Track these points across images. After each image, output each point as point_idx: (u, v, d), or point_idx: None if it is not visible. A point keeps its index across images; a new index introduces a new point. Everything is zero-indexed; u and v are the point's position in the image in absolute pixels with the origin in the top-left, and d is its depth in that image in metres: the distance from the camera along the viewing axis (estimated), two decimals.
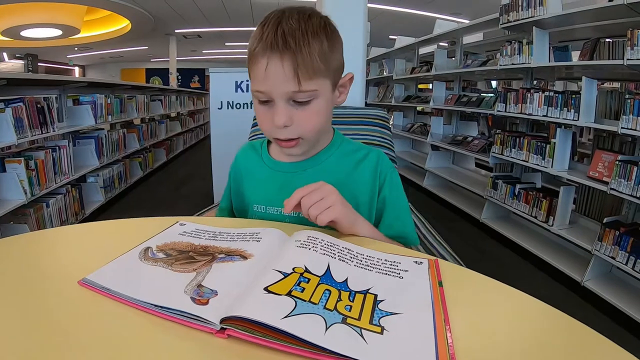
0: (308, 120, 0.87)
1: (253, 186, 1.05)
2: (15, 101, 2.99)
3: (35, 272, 0.65)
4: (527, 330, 0.53)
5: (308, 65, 0.82)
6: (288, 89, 0.83)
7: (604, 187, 2.60)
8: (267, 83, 0.84)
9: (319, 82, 0.85)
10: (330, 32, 0.88)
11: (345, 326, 0.48)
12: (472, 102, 4.52)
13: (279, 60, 0.81)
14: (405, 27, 9.93)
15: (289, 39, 0.81)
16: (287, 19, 0.84)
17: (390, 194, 0.99)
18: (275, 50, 0.81)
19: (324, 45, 0.85)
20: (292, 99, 0.85)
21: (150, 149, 6.27)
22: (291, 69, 0.81)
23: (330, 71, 0.88)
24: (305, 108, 0.86)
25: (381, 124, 1.70)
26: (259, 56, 0.83)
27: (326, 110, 0.91)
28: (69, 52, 15.53)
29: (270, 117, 0.87)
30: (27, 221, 3.06)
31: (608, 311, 2.52)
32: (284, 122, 0.85)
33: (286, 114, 0.85)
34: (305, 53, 0.81)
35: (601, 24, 3.10)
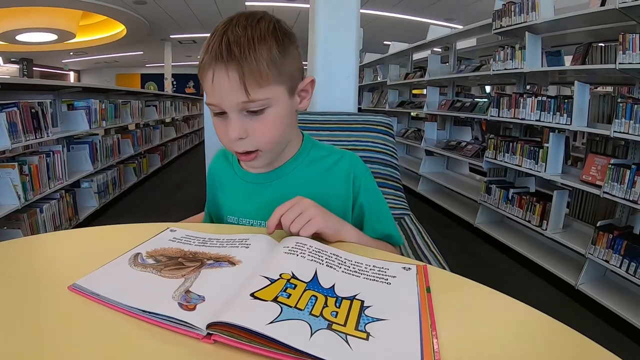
0: (264, 131, 0.84)
1: (225, 196, 1.04)
2: (10, 106, 2.98)
3: (27, 277, 0.65)
4: (517, 338, 0.53)
5: (255, 73, 0.78)
6: (237, 99, 0.80)
7: (597, 191, 2.61)
8: (215, 95, 0.82)
9: (271, 90, 0.82)
10: (282, 35, 0.84)
11: (331, 332, 0.48)
12: (466, 107, 4.54)
13: (224, 71, 0.78)
14: (399, 33, 9.98)
15: (233, 47, 0.78)
16: (233, 26, 0.81)
17: (367, 199, 0.97)
18: (219, 60, 0.78)
19: (273, 51, 0.81)
20: (244, 109, 0.82)
21: (144, 154, 6.26)
22: (237, 79, 0.78)
23: (283, 77, 0.84)
24: (259, 118, 0.83)
25: (384, 130, 1.67)
26: (206, 68, 0.81)
27: (284, 119, 0.87)
28: (64, 56, 15.50)
29: (226, 129, 0.84)
30: (21, 226, 3.05)
31: (602, 314, 2.53)
32: (238, 135, 0.83)
33: (239, 126, 0.82)
34: (251, 60, 0.78)
35: (593, 28, 3.12)
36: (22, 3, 8.09)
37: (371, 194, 0.98)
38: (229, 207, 1.02)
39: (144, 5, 8.77)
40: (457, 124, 5.35)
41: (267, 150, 0.88)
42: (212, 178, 1.09)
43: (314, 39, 2.38)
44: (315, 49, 2.38)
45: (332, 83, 2.40)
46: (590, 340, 0.49)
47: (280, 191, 0.86)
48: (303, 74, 0.92)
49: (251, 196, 0.97)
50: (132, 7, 8.88)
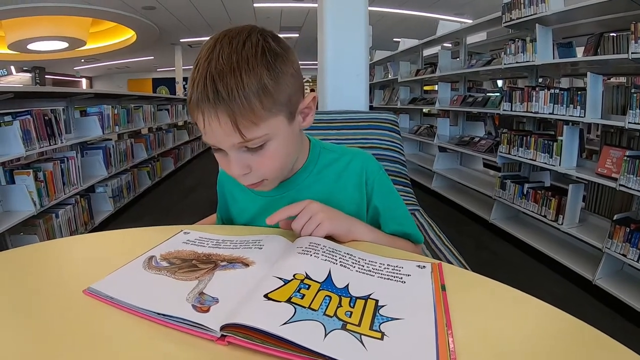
0: (266, 164, 0.80)
1: (236, 209, 1.02)
2: (23, 114, 3.02)
3: (43, 282, 0.66)
4: (533, 335, 0.52)
5: (247, 113, 0.72)
6: (233, 141, 0.75)
7: (613, 184, 2.58)
8: (210, 137, 0.77)
9: (268, 125, 0.76)
10: (273, 58, 0.75)
11: (345, 332, 0.48)
12: (478, 102, 4.51)
13: (214, 115, 0.72)
14: (409, 29, 9.94)
15: (219, 87, 0.70)
16: (217, 54, 0.73)
17: (381, 200, 0.95)
18: (207, 103, 0.72)
19: (264, 79, 0.73)
20: (243, 147, 0.77)
21: (158, 158, 6.30)
22: (229, 123, 0.72)
23: (279, 105, 0.77)
24: (260, 153, 0.78)
25: (390, 127, 1.66)
26: (194, 110, 0.75)
27: (287, 147, 0.83)
28: (75, 64, 15.66)
29: (228, 164, 0.80)
30: (37, 232, 3.08)
31: (620, 309, 2.50)
32: (240, 172, 0.79)
33: (240, 164, 0.79)
34: (241, 99, 0.71)
35: (604, 18, 3.08)
36: (32, 13, 8.18)
37: (385, 194, 0.95)
38: (240, 220, 1.01)
39: (152, 10, 8.83)
40: (470, 119, 5.31)
41: (273, 178, 0.85)
42: (222, 189, 1.07)
43: (323, 38, 2.38)
44: (324, 48, 2.38)
45: (343, 82, 2.40)
46: (608, 336, 0.49)
47: (293, 201, 0.84)
48: (303, 91, 0.85)
49: (265, 211, 0.92)
50: (141, 12, 8.94)
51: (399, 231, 0.94)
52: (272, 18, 9.75)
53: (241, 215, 1.02)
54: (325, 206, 0.82)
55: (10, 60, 12.53)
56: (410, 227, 0.96)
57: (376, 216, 0.95)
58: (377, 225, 0.94)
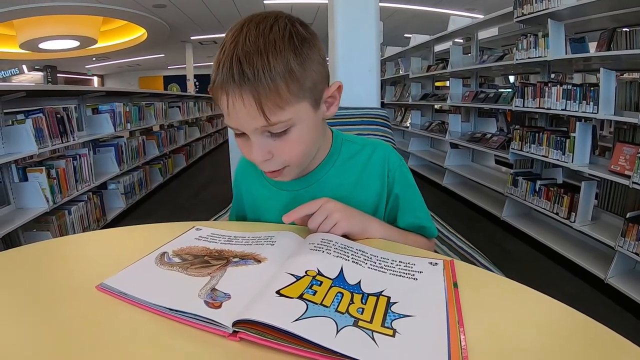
0: (289, 150, 0.78)
1: (256, 205, 1.00)
2: (35, 112, 3.06)
3: (56, 277, 0.67)
4: (545, 333, 0.51)
5: (272, 95, 0.70)
6: (256, 124, 0.73)
7: (626, 181, 2.55)
8: (233, 120, 0.75)
9: (293, 109, 0.74)
10: (300, 42, 0.74)
11: (357, 329, 0.48)
12: (490, 98, 4.48)
13: (238, 96, 0.71)
14: (420, 25, 9.90)
15: (245, 68, 0.69)
16: (244, 37, 0.71)
17: (402, 191, 0.93)
18: (232, 84, 0.70)
19: (291, 63, 0.72)
20: (266, 131, 0.75)
21: (169, 155, 6.33)
22: (253, 104, 0.70)
23: (305, 91, 0.75)
24: (283, 138, 0.77)
25: (382, 122, 1.66)
26: (218, 91, 0.74)
27: (310, 135, 0.81)
28: (87, 62, 15.77)
29: (249, 149, 0.78)
30: (50, 228, 3.11)
31: (633, 309, 2.47)
32: (262, 158, 0.77)
33: (262, 149, 0.77)
34: (267, 81, 0.69)
35: (617, 13, 3.04)
36: (43, 12, 8.24)
37: (405, 186, 0.94)
38: (263, 217, 0.98)
39: (163, 8, 8.86)
40: (482, 115, 5.27)
41: (294, 165, 0.83)
42: (238, 186, 1.04)
43: (334, 34, 2.38)
44: (335, 44, 2.38)
45: (354, 78, 2.39)
46: (620, 335, 0.48)
47: (317, 195, 0.83)
48: (328, 80, 0.84)
49: (286, 204, 0.90)
50: (151, 10, 8.98)
51: (415, 224, 0.93)
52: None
53: (261, 212, 0.98)
54: (341, 205, 0.81)
55: (22, 59, 12.64)
56: (426, 220, 0.95)
57: (395, 207, 0.94)
58: (394, 216, 0.94)
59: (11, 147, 2.87)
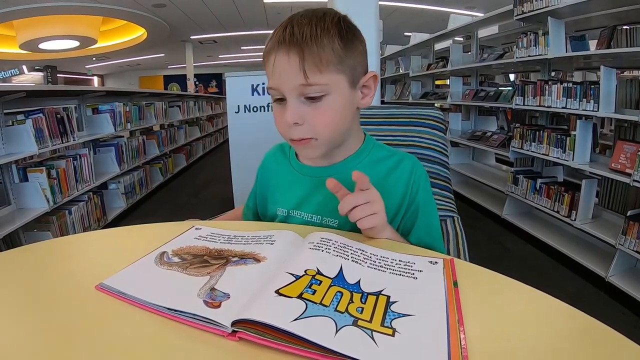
0: (321, 118, 0.82)
1: (279, 189, 1.02)
2: (35, 112, 3.06)
3: (55, 277, 0.67)
4: (545, 331, 0.51)
5: (315, 57, 0.78)
6: (295, 82, 0.79)
7: (627, 179, 2.54)
8: (275, 78, 0.82)
9: (331, 77, 0.81)
10: (347, 30, 0.84)
11: (356, 328, 0.48)
12: (490, 96, 4.47)
13: (285, 54, 0.79)
14: (420, 23, 9.90)
15: (296, 33, 0.79)
16: (299, 17, 0.82)
17: (422, 205, 0.93)
18: (282, 45, 0.79)
19: (336, 42, 0.81)
20: (303, 94, 0.81)
21: (170, 154, 6.33)
22: (297, 61, 0.78)
23: (344, 66, 0.83)
24: (317, 105, 0.82)
25: (434, 125, 1.54)
26: (269, 53, 0.82)
27: (343, 110, 0.85)
28: (87, 62, 15.80)
29: (283, 115, 0.83)
30: (50, 228, 3.12)
31: (634, 307, 2.47)
32: (293, 120, 0.81)
33: (296, 111, 0.81)
34: (312, 45, 0.78)
35: (617, 10, 3.04)
36: (43, 12, 8.25)
37: (426, 201, 0.94)
38: (281, 199, 0.99)
39: (163, 8, 8.87)
40: (482, 113, 5.26)
41: (323, 138, 0.85)
42: (263, 171, 1.07)
43: None
44: None
45: None
46: (620, 334, 0.48)
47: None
48: (366, 70, 0.90)
49: (310, 191, 0.94)
50: (151, 10, 8.98)
51: (426, 242, 0.91)
52: (282, 14, 9.72)
53: (285, 197, 0.99)
54: (382, 200, 0.80)
55: (22, 59, 12.66)
56: (438, 241, 0.95)
57: (412, 219, 0.93)
58: (408, 227, 0.93)
59: (11, 147, 2.87)
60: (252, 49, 15.39)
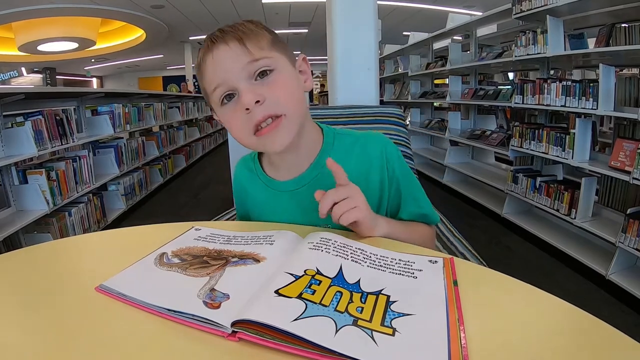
0: (280, 90, 0.80)
1: (258, 208, 0.99)
2: (35, 114, 3.06)
3: (55, 279, 0.67)
4: (545, 330, 0.51)
5: (253, 38, 0.80)
6: (241, 62, 0.79)
7: (627, 177, 2.54)
8: (219, 71, 0.80)
9: (272, 54, 0.82)
10: (273, 31, 0.87)
11: (356, 328, 0.48)
12: (489, 95, 4.47)
13: (223, 45, 0.79)
14: (418, 22, 9.90)
15: (228, 30, 0.81)
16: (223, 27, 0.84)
17: (403, 181, 0.92)
18: (218, 40, 0.80)
19: (265, 33, 0.84)
20: (252, 74, 0.80)
21: (169, 155, 6.33)
22: (237, 45, 0.79)
23: (280, 48, 0.85)
24: (270, 81, 0.80)
25: (397, 121, 1.64)
26: (205, 58, 0.82)
27: (297, 85, 0.86)
28: (86, 63, 15.78)
29: (239, 111, 0.80)
30: (50, 230, 3.12)
31: (634, 305, 2.47)
32: (254, 98, 0.77)
33: (253, 92, 0.78)
34: (248, 31, 0.81)
35: (616, 8, 3.04)
36: (42, 14, 8.24)
37: (405, 175, 0.93)
38: (263, 218, 0.97)
39: (161, 9, 8.87)
40: (481, 112, 5.27)
41: (292, 113, 0.82)
42: (238, 189, 1.04)
43: (332, 33, 2.37)
44: (334, 43, 2.37)
45: (353, 76, 2.38)
46: (621, 332, 0.48)
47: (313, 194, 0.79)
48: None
49: (288, 206, 0.92)
50: (149, 11, 8.98)
51: (417, 213, 0.93)
52: (280, 14, 9.75)
53: (264, 214, 0.97)
54: (363, 196, 0.79)
55: (21, 61, 12.66)
56: (428, 208, 0.95)
57: (397, 197, 0.93)
58: (396, 207, 0.93)
59: (11, 149, 2.87)
60: None
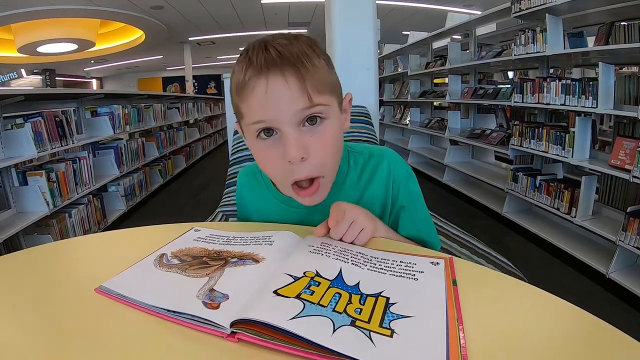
0: (323, 147, 0.74)
1: (263, 217, 0.95)
2: (34, 116, 3.06)
3: (55, 280, 0.67)
4: (545, 330, 0.51)
5: (315, 76, 0.71)
6: (297, 106, 0.70)
7: (627, 175, 2.54)
8: (270, 108, 0.71)
9: (328, 98, 0.74)
10: (321, 51, 0.77)
11: (354, 328, 0.48)
12: (489, 94, 4.47)
13: (280, 78, 0.69)
14: (418, 22, 9.89)
15: (285, 54, 0.70)
16: (272, 41, 0.73)
17: (406, 204, 0.90)
18: (273, 68, 0.69)
19: (322, 60, 0.74)
20: (301, 121, 0.72)
21: (169, 156, 6.33)
22: (297, 84, 0.69)
23: (334, 87, 0.77)
24: (318, 132, 0.73)
25: (365, 120, 1.67)
26: (253, 81, 0.71)
27: (340, 135, 0.79)
28: (85, 65, 15.77)
29: (278, 153, 0.73)
30: (51, 231, 3.12)
31: (635, 303, 2.47)
32: (300, 154, 0.71)
33: (300, 143, 0.71)
34: (309, 65, 0.70)
35: (615, 7, 3.03)
36: (41, 16, 8.24)
37: (410, 198, 0.90)
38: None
39: (160, 10, 8.86)
40: (481, 111, 5.27)
41: (329, 175, 0.79)
42: (242, 202, 1.00)
43: (331, 33, 2.37)
44: (333, 43, 2.37)
45: (352, 76, 2.39)
46: (622, 332, 0.48)
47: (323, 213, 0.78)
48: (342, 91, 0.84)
49: (294, 219, 0.89)
50: (149, 12, 8.97)
51: (415, 236, 0.89)
52: (280, 14, 9.74)
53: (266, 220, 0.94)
54: (360, 208, 0.78)
55: (21, 63, 12.65)
56: (428, 234, 0.91)
57: (397, 217, 0.91)
58: (395, 226, 0.91)
59: (11, 151, 2.87)
60: None
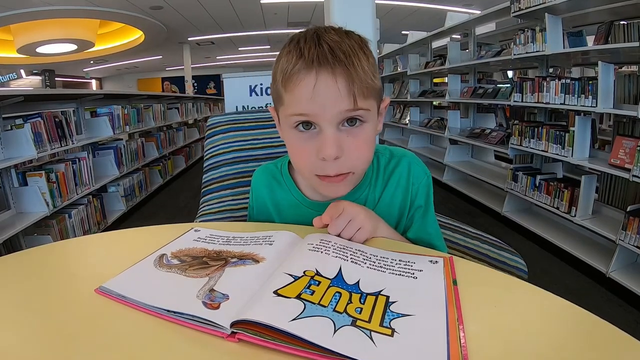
0: (358, 149, 0.76)
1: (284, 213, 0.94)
2: (34, 116, 3.06)
3: (55, 281, 0.67)
4: (545, 329, 0.51)
5: (363, 80, 0.72)
6: (341, 107, 0.71)
7: (626, 175, 2.54)
8: (315, 104, 0.72)
9: (371, 103, 0.75)
10: (369, 50, 0.78)
11: (355, 328, 0.48)
12: (489, 93, 4.47)
13: (330, 76, 0.70)
14: (417, 21, 9.90)
15: (337, 52, 0.70)
16: (324, 33, 0.74)
17: (423, 205, 0.90)
18: (324, 64, 0.70)
19: (370, 62, 0.75)
20: (343, 121, 0.74)
21: (169, 156, 6.34)
22: (345, 85, 0.70)
23: (377, 91, 0.77)
24: (355, 134, 0.75)
25: None
26: (302, 74, 0.71)
27: (373, 141, 0.80)
28: (85, 65, 15.77)
29: (313, 148, 0.75)
30: (50, 232, 3.12)
31: (635, 302, 2.47)
32: (335, 153, 0.73)
33: (337, 143, 0.73)
34: (359, 68, 0.71)
35: (614, 6, 3.04)
36: (40, 16, 8.24)
37: (425, 202, 0.91)
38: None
39: (160, 10, 8.86)
40: (481, 111, 5.27)
41: (358, 172, 0.80)
42: (261, 202, 0.97)
43: None
44: None
45: None
46: (622, 331, 0.47)
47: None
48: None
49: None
50: (148, 12, 8.97)
51: (424, 239, 0.89)
52: (279, 14, 9.74)
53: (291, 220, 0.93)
54: (361, 207, 0.79)
55: (20, 63, 12.65)
56: (437, 238, 0.92)
57: (411, 220, 0.91)
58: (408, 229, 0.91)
59: (10, 151, 2.87)
60: (249, 50, 15.38)
